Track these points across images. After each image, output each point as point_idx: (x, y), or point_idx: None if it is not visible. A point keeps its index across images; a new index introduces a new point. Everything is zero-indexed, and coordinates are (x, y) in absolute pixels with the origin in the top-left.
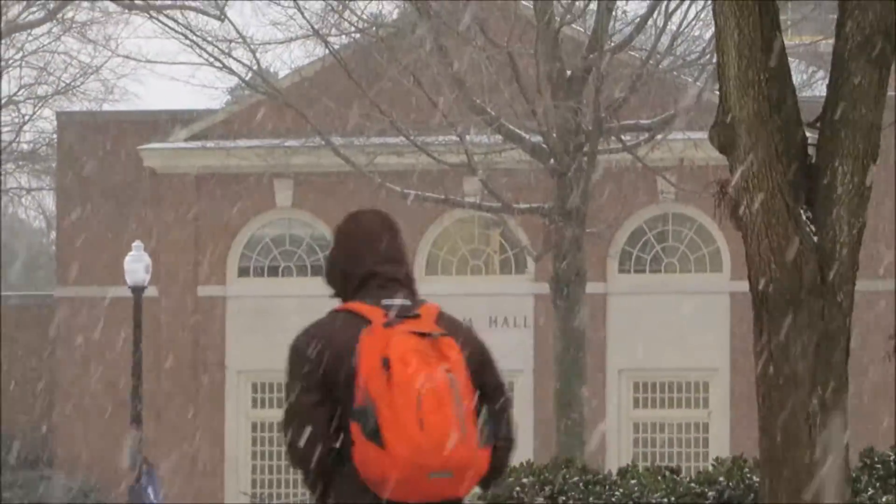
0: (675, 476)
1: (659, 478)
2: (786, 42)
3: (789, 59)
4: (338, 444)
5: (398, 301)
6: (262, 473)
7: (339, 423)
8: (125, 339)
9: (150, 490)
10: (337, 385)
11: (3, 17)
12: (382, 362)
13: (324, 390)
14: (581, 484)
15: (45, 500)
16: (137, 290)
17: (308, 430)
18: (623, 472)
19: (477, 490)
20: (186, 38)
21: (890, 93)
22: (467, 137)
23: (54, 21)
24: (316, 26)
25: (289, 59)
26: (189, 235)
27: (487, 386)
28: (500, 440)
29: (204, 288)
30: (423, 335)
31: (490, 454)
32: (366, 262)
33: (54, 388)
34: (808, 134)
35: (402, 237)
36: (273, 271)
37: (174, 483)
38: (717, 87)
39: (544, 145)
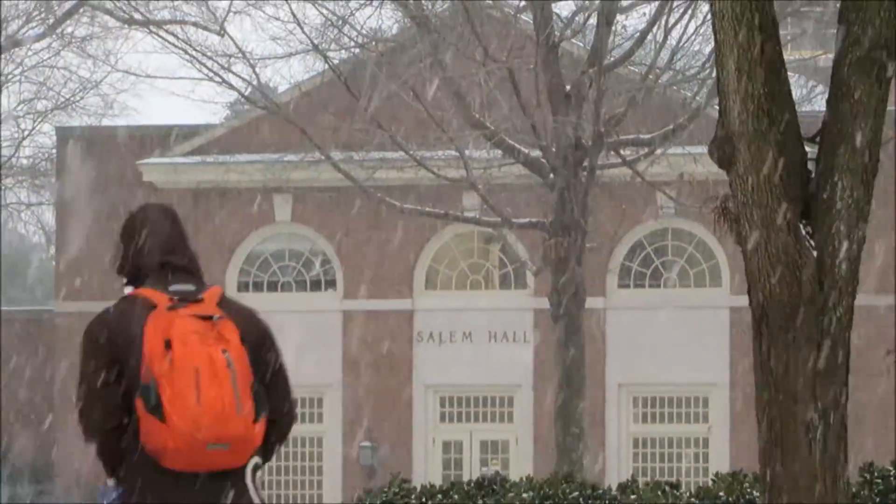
0: (675, 491)
1: (659, 493)
2: (785, 57)
3: (789, 73)
4: (126, 420)
5: (183, 287)
6: (262, 489)
7: (128, 400)
8: None
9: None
10: (126, 364)
11: (3, 33)
12: (165, 343)
13: (114, 369)
14: (581, 499)
15: None
16: None
17: (100, 407)
18: (623, 487)
19: (257, 459)
20: (186, 53)
21: (890, 107)
22: (466, 152)
23: (54, 36)
24: (315, 41)
25: (288, 74)
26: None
27: (267, 366)
28: (277, 415)
29: None
30: (204, 318)
31: (266, 428)
32: (154, 252)
33: (54, 403)
34: (807, 149)
35: (184, 228)
36: (272, 286)
37: None
38: (716, 101)
39: (543, 160)
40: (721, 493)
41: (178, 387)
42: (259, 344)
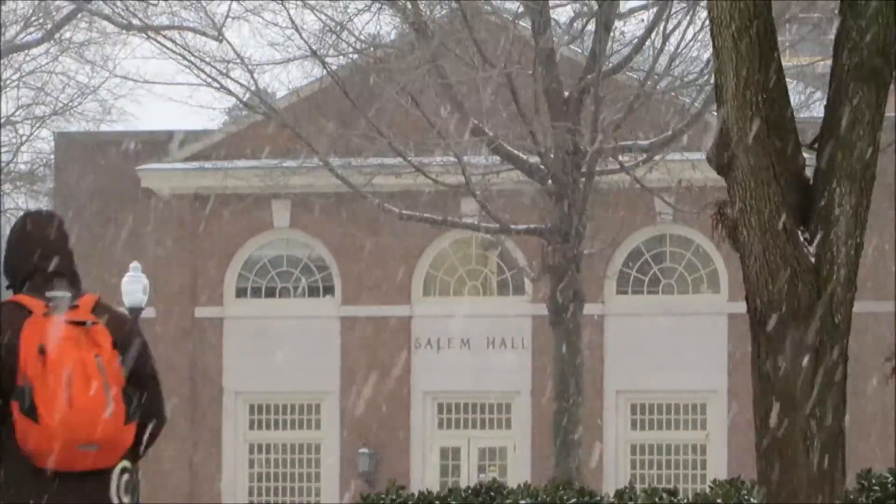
0: (672, 498)
1: (656, 499)
2: (784, 63)
3: (787, 79)
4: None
5: (59, 293)
6: (260, 495)
7: (3, 403)
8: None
9: None
10: (2, 369)
11: (1, 38)
12: (39, 348)
13: None
14: None
15: None
16: (135, 312)
17: None
18: (620, 494)
19: (125, 462)
20: (184, 58)
21: (888, 114)
22: (465, 158)
23: (52, 41)
24: (314, 47)
25: (286, 80)
26: (187, 256)
27: (139, 371)
28: (148, 418)
29: (201, 309)
30: (78, 324)
31: (136, 431)
32: (32, 258)
33: None
34: (806, 155)
35: (67, 235)
36: (270, 292)
37: None
38: (714, 107)
39: (542, 166)
40: (718, 501)
41: (50, 390)
42: (131, 349)
